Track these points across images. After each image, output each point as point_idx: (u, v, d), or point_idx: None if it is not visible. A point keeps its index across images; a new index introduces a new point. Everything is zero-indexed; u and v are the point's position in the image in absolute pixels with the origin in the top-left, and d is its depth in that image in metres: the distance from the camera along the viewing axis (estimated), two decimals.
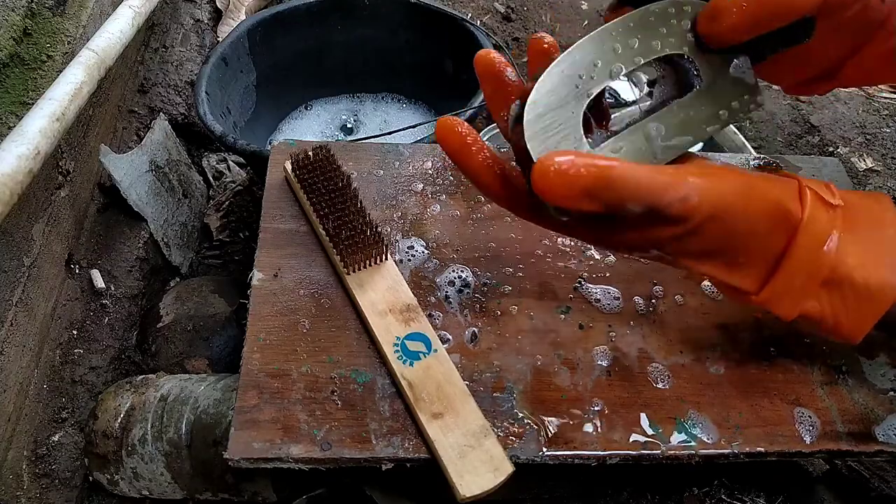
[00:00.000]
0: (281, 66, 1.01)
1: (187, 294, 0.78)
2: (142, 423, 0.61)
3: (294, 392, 0.45)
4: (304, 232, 0.54)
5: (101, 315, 0.72)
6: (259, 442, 0.42)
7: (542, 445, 0.44)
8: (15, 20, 0.63)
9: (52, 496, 0.61)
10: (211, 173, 1.04)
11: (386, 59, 1.06)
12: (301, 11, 0.98)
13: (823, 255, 0.35)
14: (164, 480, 0.61)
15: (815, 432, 0.46)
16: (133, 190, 0.78)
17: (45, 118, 0.55)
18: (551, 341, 0.50)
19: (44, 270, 0.63)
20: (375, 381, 0.46)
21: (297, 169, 0.55)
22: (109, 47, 0.67)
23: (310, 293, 0.51)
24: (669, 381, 0.48)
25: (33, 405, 0.61)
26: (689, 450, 0.44)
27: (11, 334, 0.57)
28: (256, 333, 0.48)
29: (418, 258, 0.54)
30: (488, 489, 0.41)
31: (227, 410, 0.60)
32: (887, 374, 0.50)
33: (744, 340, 0.51)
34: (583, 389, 0.47)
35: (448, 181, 0.60)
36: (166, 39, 1.03)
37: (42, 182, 0.63)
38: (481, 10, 1.37)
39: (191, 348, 0.73)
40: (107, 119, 0.80)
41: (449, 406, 0.44)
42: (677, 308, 0.52)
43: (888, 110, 1.26)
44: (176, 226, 0.88)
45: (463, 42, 0.93)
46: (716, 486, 0.61)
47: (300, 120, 1.07)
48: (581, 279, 0.53)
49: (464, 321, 0.50)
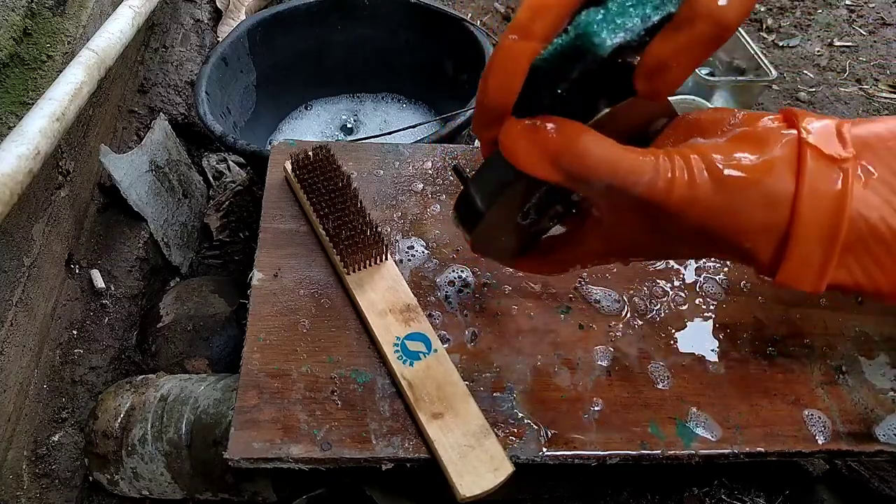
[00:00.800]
0: (281, 66, 1.01)
1: (187, 294, 0.78)
2: (142, 423, 0.61)
3: (294, 392, 0.45)
4: (304, 232, 0.54)
5: (101, 315, 0.72)
6: (259, 442, 0.42)
7: (542, 445, 0.44)
8: (15, 20, 0.63)
9: (52, 496, 0.61)
10: (211, 173, 1.04)
11: (386, 59, 1.06)
12: (301, 11, 0.98)
13: (837, 218, 0.30)
14: (164, 480, 0.61)
15: (827, 433, 0.46)
16: (133, 190, 0.78)
17: (45, 118, 0.55)
18: (551, 341, 0.50)
19: (44, 270, 0.63)
20: (375, 381, 0.46)
21: (297, 169, 0.55)
22: (109, 47, 0.67)
23: (310, 293, 0.50)
24: (669, 381, 0.48)
25: (33, 405, 0.61)
26: (689, 450, 0.44)
27: (11, 334, 0.57)
28: (256, 333, 0.48)
29: (418, 258, 0.54)
30: (488, 489, 0.41)
31: (227, 410, 0.60)
32: (887, 374, 0.50)
33: (744, 340, 0.51)
34: (583, 389, 0.47)
35: (448, 181, 0.60)
36: (166, 39, 1.03)
37: (42, 182, 0.63)
38: (481, 10, 1.37)
39: (191, 348, 0.73)
40: (107, 119, 0.80)
41: (449, 406, 0.44)
42: (677, 308, 0.52)
43: (888, 110, 1.26)
44: (176, 226, 0.88)
45: (463, 42, 0.93)
46: (716, 486, 0.61)
47: (300, 120, 1.07)
48: (581, 279, 0.53)
49: (464, 321, 0.50)
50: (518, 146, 0.30)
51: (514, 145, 0.30)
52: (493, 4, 1.38)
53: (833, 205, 0.30)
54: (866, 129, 0.32)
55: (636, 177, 0.29)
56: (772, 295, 0.54)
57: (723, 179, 0.30)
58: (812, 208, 0.30)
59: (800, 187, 0.30)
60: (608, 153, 0.29)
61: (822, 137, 0.31)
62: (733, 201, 0.30)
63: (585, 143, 0.29)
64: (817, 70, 1.35)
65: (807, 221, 0.30)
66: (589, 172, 0.29)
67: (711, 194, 0.30)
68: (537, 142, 0.29)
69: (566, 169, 0.29)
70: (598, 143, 0.29)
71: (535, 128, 0.29)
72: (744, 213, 0.31)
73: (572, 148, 0.29)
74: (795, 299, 0.53)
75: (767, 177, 0.30)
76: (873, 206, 0.31)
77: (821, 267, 0.32)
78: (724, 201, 0.30)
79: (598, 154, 0.29)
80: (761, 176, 0.30)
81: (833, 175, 0.30)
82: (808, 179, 0.30)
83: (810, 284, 0.32)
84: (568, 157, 0.29)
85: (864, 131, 0.32)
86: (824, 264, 0.31)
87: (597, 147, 0.29)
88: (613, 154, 0.29)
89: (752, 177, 0.30)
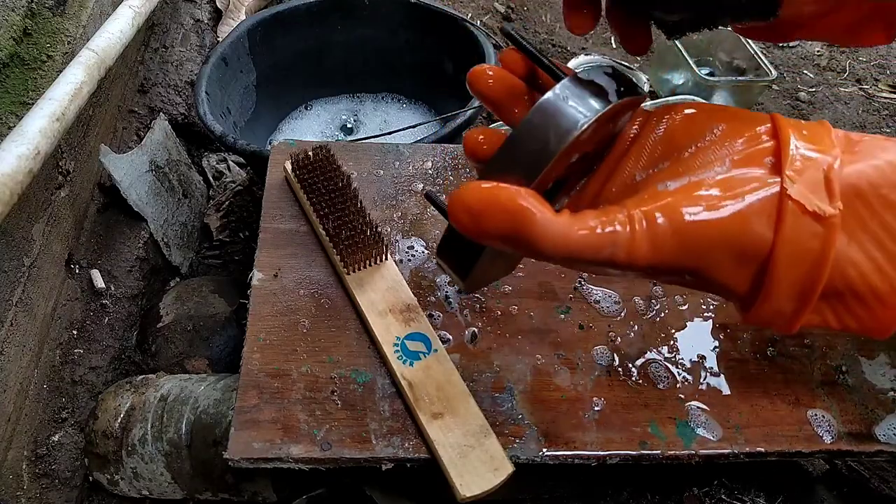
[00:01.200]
0: (281, 66, 1.01)
1: (187, 294, 0.78)
2: (142, 423, 0.61)
3: (294, 392, 0.45)
4: (304, 232, 0.54)
5: (101, 315, 0.72)
6: (259, 442, 0.42)
7: (542, 445, 0.44)
8: (15, 20, 0.63)
9: (52, 496, 0.61)
10: (211, 173, 1.04)
11: (386, 59, 1.06)
12: (301, 11, 0.98)
13: (815, 277, 0.28)
14: (164, 480, 0.61)
15: (831, 433, 0.46)
16: (133, 190, 0.78)
17: (45, 118, 0.55)
18: (551, 341, 0.50)
19: (44, 270, 0.63)
20: (375, 381, 0.46)
21: (297, 169, 0.55)
22: (109, 47, 0.67)
23: (310, 293, 0.50)
24: (669, 381, 0.48)
25: (33, 405, 0.61)
26: (689, 450, 0.44)
27: (11, 334, 0.57)
28: (256, 333, 0.48)
29: (418, 258, 0.54)
30: (488, 489, 0.41)
31: (227, 410, 0.60)
32: (887, 374, 0.50)
33: (744, 340, 0.51)
34: (583, 389, 0.47)
35: (448, 181, 0.60)
36: (166, 39, 1.03)
37: (42, 182, 0.63)
38: (481, 10, 1.37)
39: (191, 348, 0.73)
40: (107, 119, 0.80)
41: (449, 406, 0.44)
42: (677, 308, 0.52)
43: (888, 110, 1.26)
44: (176, 226, 0.88)
45: (463, 42, 0.93)
46: (716, 486, 0.61)
47: (300, 120, 1.07)
48: (581, 279, 0.53)
49: (464, 321, 0.50)
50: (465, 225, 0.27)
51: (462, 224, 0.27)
52: (493, 4, 1.38)
53: (812, 265, 0.28)
54: (860, 171, 0.28)
55: (595, 253, 0.27)
56: None
57: (689, 236, 0.28)
58: (788, 266, 0.28)
59: (777, 246, 0.28)
60: (561, 236, 0.27)
61: (809, 187, 0.28)
62: (702, 257, 0.28)
63: (537, 230, 0.27)
64: (817, 70, 1.35)
65: (781, 279, 0.28)
66: (543, 254, 0.27)
67: (679, 254, 0.28)
68: (480, 224, 0.27)
69: (518, 248, 0.27)
70: (550, 227, 0.27)
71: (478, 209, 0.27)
72: (713, 267, 0.29)
73: (523, 233, 0.27)
74: None
75: (741, 233, 0.28)
76: (855, 262, 0.29)
77: (793, 316, 0.30)
78: (692, 260, 0.28)
79: (552, 239, 0.27)
80: (735, 230, 0.28)
81: (815, 231, 0.28)
82: (788, 237, 0.28)
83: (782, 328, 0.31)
84: (517, 240, 0.27)
85: (857, 176, 0.28)
86: (797, 314, 0.30)
87: (550, 232, 0.27)
88: (568, 238, 0.27)
89: (723, 231, 0.28)
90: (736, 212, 0.28)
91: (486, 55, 0.87)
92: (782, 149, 0.28)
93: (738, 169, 0.28)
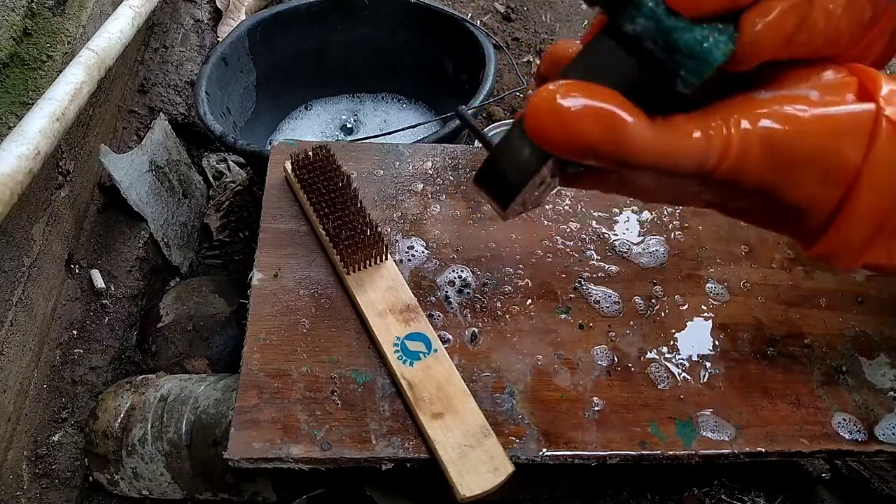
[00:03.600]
0: (281, 66, 1.01)
1: (187, 294, 0.78)
2: (142, 423, 0.61)
3: (294, 392, 0.45)
4: (304, 232, 0.54)
5: (101, 315, 0.72)
6: (259, 442, 0.42)
7: (542, 445, 0.44)
8: (15, 20, 0.63)
9: (52, 496, 0.61)
10: (211, 173, 1.04)
11: (386, 59, 1.06)
12: (301, 11, 0.98)
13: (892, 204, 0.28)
14: (164, 480, 0.61)
15: (833, 432, 0.46)
16: (133, 190, 0.78)
17: (45, 118, 0.55)
18: (551, 341, 0.50)
19: (44, 270, 0.63)
20: (375, 381, 0.46)
21: (297, 169, 0.55)
22: (109, 47, 0.67)
23: (310, 293, 0.51)
24: (669, 381, 0.48)
25: (33, 405, 0.61)
26: (689, 450, 0.44)
27: (11, 334, 0.57)
28: (256, 333, 0.48)
29: (418, 258, 0.54)
30: (488, 489, 0.41)
31: (227, 410, 0.60)
32: (887, 374, 0.50)
33: (744, 340, 0.51)
34: (583, 389, 0.47)
35: (448, 181, 0.60)
36: (166, 39, 1.03)
37: (42, 182, 0.63)
38: (481, 10, 1.37)
39: (191, 348, 0.73)
40: (107, 119, 0.80)
41: (449, 406, 0.44)
42: (677, 308, 0.52)
43: None
44: (176, 226, 0.88)
45: (463, 42, 0.93)
46: (716, 486, 0.61)
47: (300, 120, 1.07)
48: (581, 279, 0.53)
49: (464, 321, 0.50)
50: (547, 131, 0.25)
51: (544, 130, 0.25)
52: (493, 4, 1.38)
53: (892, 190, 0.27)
54: None
55: (685, 160, 0.26)
56: (772, 295, 0.54)
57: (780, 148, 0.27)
58: (872, 189, 0.27)
59: (866, 165, 0.27)
60: (654, 143, 0.26)
61: None
62: (788, 173, 0.28)
63: (628, 135, 0.25)
64: None
65: (861, 203, 0.28)
66: (632, 163, 0.26)
67: (767, 167, 0.27)
68: (569, 130, 0.25)
69: (605, 157, 0.26)
70: (643, 132, 0.25)
71: (567, 112, 0.25)
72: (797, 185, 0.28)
73: (614, 140, 0.25)
74: (795, 299, 0.53)
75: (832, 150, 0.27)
76: None
77: (860, 248, 0.29)
78: (778, 175, 0.27)
79: (643, 146, 0.25)
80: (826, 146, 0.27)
81: None
82: (878, 158, 0.27)
83: (845, 263, 0.30)
84: (607, 149, 0.25)
85: None
86: (865, 246, 0.29)
87: (641, 138, 0.25)
88: (660, 143, 0.26)
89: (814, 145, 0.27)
90: (830, 126, 0.27)
91: (487, 55, 0.87)
92: (874, 80, 0.28)
93: (830, 92, 0.28)
